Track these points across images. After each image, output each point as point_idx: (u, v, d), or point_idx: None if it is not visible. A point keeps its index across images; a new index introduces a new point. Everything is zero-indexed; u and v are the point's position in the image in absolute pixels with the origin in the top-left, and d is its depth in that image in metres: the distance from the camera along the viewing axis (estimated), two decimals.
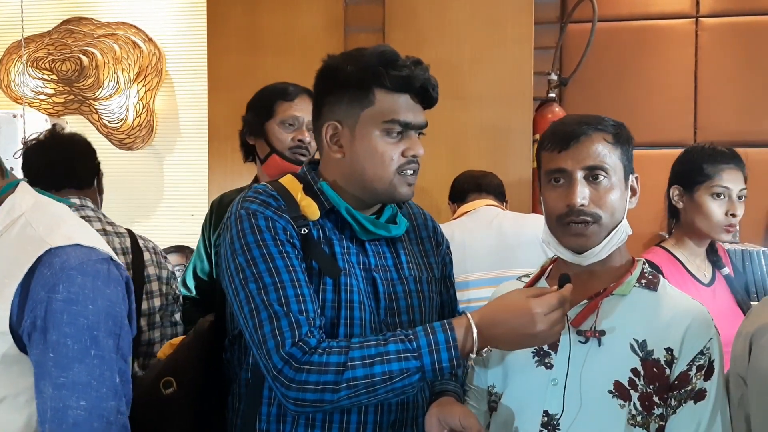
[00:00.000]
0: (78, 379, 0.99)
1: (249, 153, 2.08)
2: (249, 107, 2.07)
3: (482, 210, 2.49)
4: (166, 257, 1.96)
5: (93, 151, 1.93)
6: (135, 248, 1.82)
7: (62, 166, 1.82)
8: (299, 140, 1.96)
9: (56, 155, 1.83)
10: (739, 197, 1.91)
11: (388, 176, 1.26)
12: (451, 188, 2.69)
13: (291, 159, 1.96)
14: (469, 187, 2.60)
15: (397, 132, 1.26)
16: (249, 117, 2.05)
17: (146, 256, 1.84)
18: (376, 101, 1.25)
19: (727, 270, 2.01)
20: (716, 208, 1.89)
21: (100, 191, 1.95)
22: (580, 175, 1.21)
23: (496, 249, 2.36)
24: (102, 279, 1.03)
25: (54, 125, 1.99)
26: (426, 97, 1.29)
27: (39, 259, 1.00)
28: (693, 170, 1.93)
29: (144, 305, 1.80)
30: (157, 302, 1.83)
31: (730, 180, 1.89)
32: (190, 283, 2.07)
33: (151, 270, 1.83)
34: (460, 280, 1.82)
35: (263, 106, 2.00)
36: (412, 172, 1.28)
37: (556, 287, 1.15)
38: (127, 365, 1.07)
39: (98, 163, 1.94)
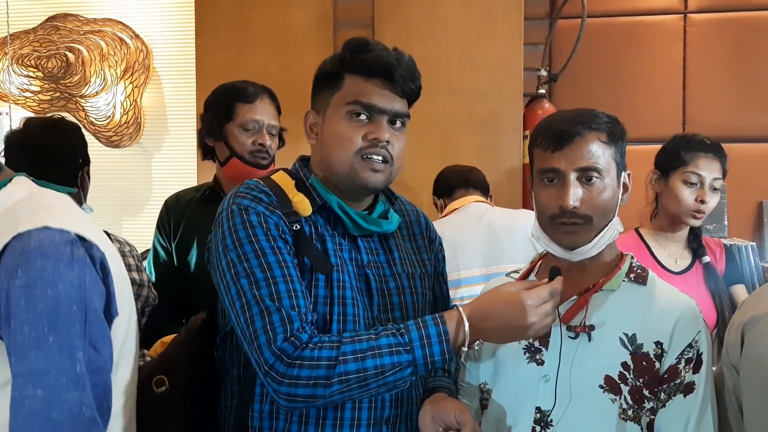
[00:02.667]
0: (35, 366, 0.93)
1: (207, 152, 2.03)
2: (207, 107, 2.00)
3: (472, 206, 2.47)
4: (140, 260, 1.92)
5: (73, 146, 1.78)
6: None
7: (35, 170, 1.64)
8: (260, 144, 1.92)
9: (29, 158, 1.70)
10: (713, 187, 1.97)
11: (348, 159, 1.24)
12: (436, 183, 2.65)
13: (252, 162, 1.92)
14: (456, 183, 2.56)
15: (360, 114, 1.24)
16: (207, 117, 1.99)
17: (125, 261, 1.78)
18: (344, 86, 1.26)
19: (707, 259, 2.05)
20: (687, 195, 1.97)
21: (84, 189, 1.83)
22: (573, 176, 1.20)
23: (487, 246, 2.34)
24: (65, 262, 0.96)
25: (27, 119, 1.87)
26: (398, 83, 1.24)
27: (6, 246, 0.96)
28: (671, 156, 2.02)
29: None
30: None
31: (705, 168, 1.96)
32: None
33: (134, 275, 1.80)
34: (452, 279, 1.81)
35: (222, 108, 1.95)
36: (379, 158, 1.24)
37: (546, 279, 1.16)
38: (100, 353, 1.00)
39: (80, 160, 1.79)
